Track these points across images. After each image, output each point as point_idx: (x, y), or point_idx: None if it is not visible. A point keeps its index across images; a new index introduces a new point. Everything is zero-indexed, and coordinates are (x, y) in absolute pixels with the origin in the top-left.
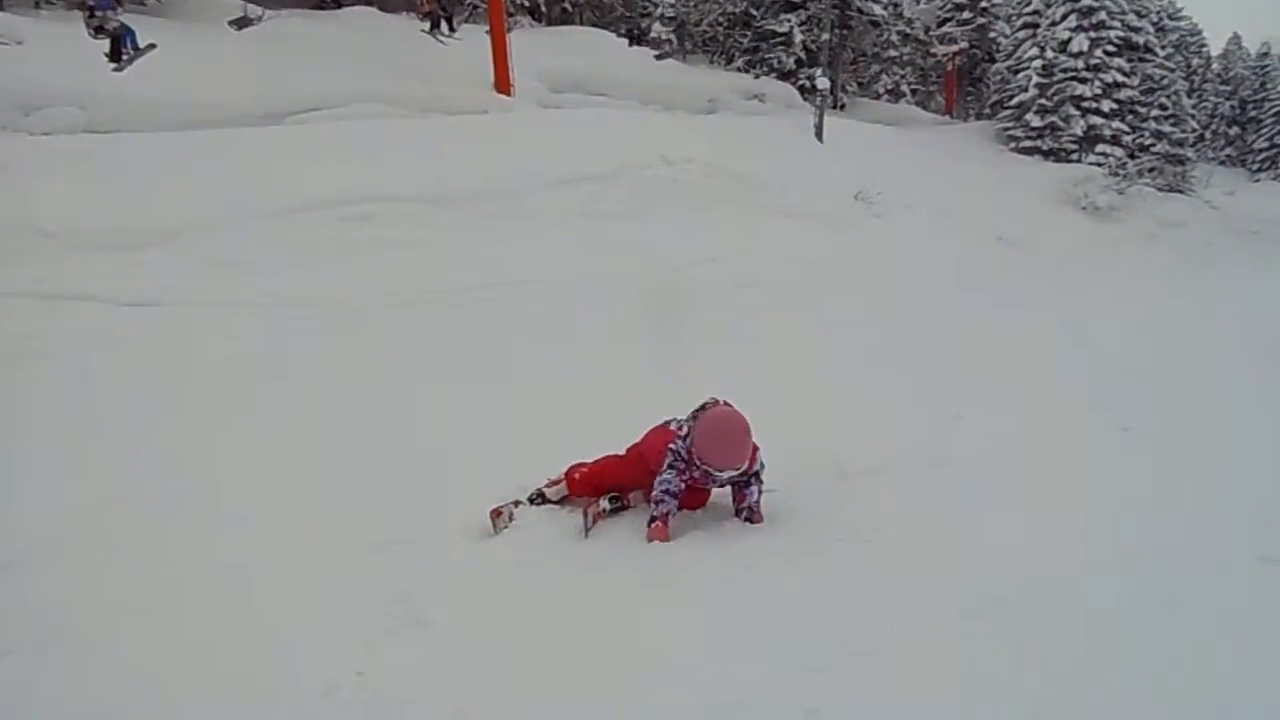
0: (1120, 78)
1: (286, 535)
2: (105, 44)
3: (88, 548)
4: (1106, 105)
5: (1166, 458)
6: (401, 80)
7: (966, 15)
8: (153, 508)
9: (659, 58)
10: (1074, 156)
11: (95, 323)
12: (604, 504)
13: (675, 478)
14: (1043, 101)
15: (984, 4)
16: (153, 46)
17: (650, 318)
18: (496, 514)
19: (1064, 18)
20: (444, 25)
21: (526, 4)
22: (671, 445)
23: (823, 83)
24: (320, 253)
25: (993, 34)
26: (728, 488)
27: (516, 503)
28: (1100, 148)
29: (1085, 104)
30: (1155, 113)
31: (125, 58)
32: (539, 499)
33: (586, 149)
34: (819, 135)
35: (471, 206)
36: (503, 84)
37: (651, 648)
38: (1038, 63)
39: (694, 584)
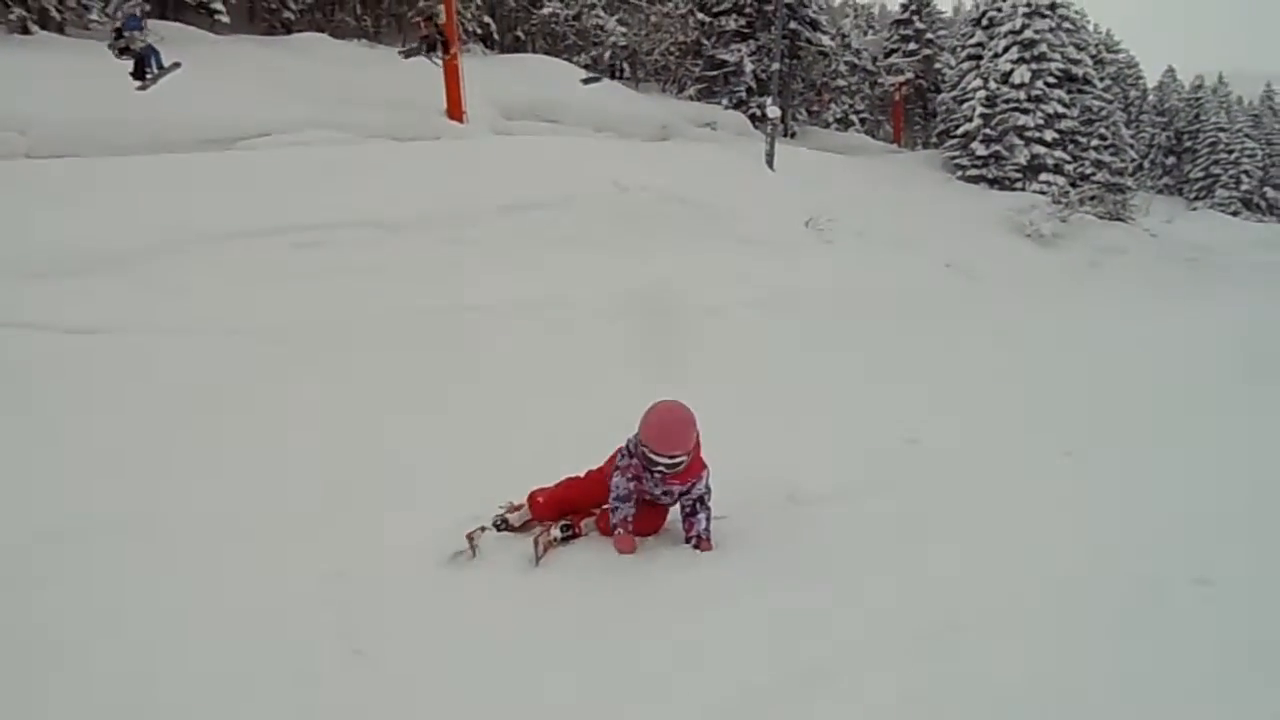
0: (1061, 109)
1: (228, 567)
2: (129, 65)
3: (15, 585)
4: (1049, 135)
5: (1107, 482)
6: (352, 106)
7: (912, 46)
8: (89, 540)
9: (586, 81)
10: (1018, 185)
11: (34, 351)
12: (555, 532)
13: (623, 480)
14: (987, 131)
15: (929, 36)
16: (177, 65)
17: (604, 344)
18: (470, 537)
19: (1006, 50)
20: (439, 49)
21: (479, 31)
22: (620, 448)
23: (773, 111)
24: (270, 279)
25: (938, 65)
26: (679, 511)
27: (482, 528)
28: (1043, 176)
29: (1028, 134)
30: (1095, 142)
31: (150, 76)
32: (503, 524)
33: (539, 175)
34: (770, 163)
35: (424, 233)
36: (455, 111)
37: (592, 683)
38: (981, 93)
39: (639, 620)
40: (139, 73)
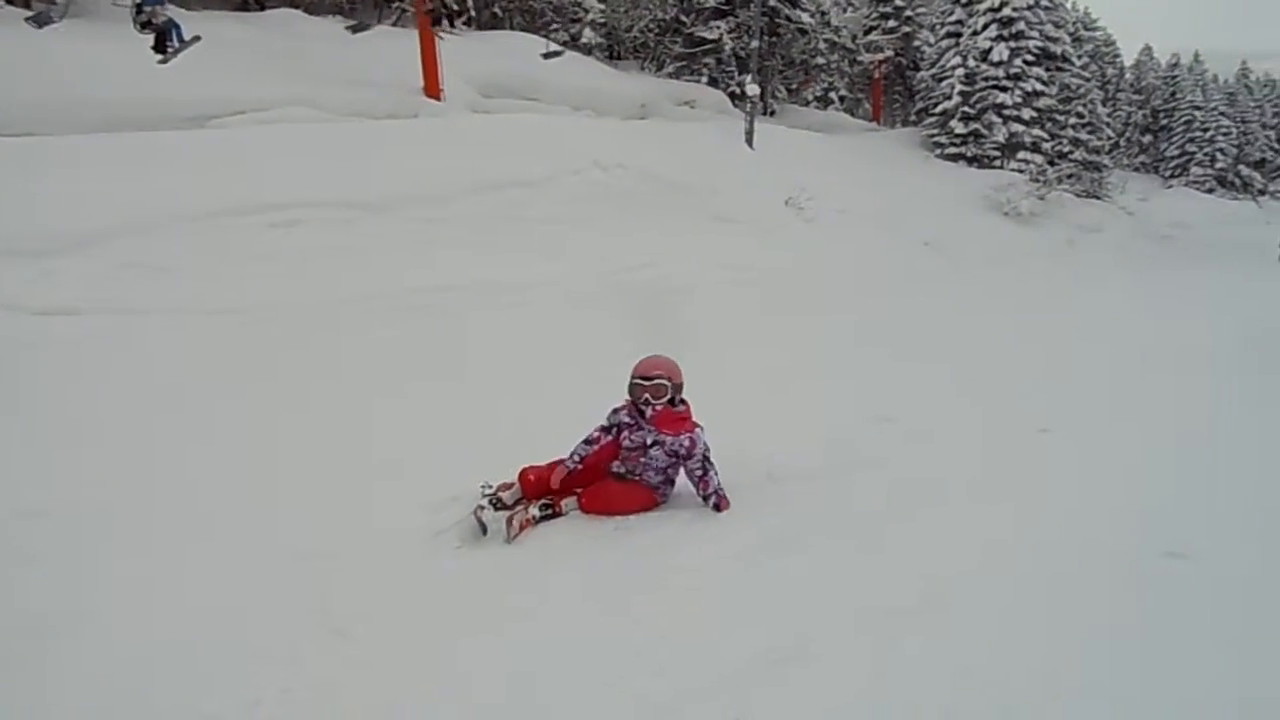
0: (1039, 86)
1: (209, 548)
2: (150, 39)
3: (1, 563)
4: (1027, 113)
5: (1082, 458)
6: (328, 84)
7: (892, 24)
8: (70, 523)
9: (547, 56)
10: (996, 163)
11: (3, 333)
12: (534, 511)
13: (596, 430)
14: (966, 109)
15: (908, 13)
16: (198, 39)
17: (585, 324)
18: (478, 516)
19: (985, 27)
20: (446, 21)
21: (456, 9)
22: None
23: (753, 89)
24: (247, 259)
25: (917, 43)
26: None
27: (481, 506)
28: (1021, 154)
29: (1006, 112)
30: (1073, 121)
31: (171, 50)
32: (498, 503)
33: (518, 154)
34: (749, 141)
35: (402, 211)
36: (432, 88)
37: (572, 660)
38: (960, 71)
39: (616, 595)
40: (160, 46)
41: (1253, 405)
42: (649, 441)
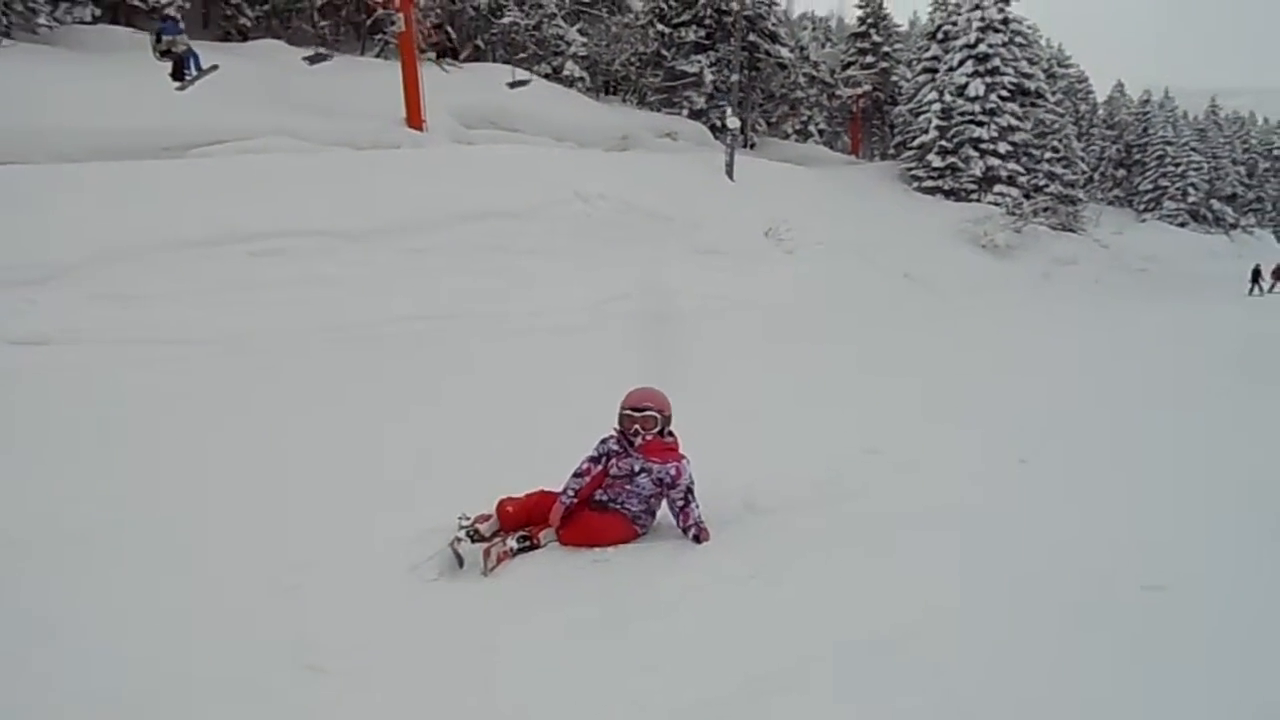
0: (1014, 121)
1: (182, 578)
2: (168, 66)
3: None
4: (1003, 147)
5: (1061, 489)
6: (310, 115)
7: (870, 60)
8: (39, 547)
9: (513, 85)
10: (973, 196)
11: None
12: (512, 543)
13: (585, 460)
14: (943, 143)
15: (886, 49)
16: (215, 68)
17: (568, 354)
18: (454, 548)
19: (961, 63)
20: (449, 55)
21: (437, 42)
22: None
23: (733, 122)
24: (227, 288)
25: (895, 78)
26: (670, 509)
27: (458, 539)
28: (998, 188)
29: (983, 146)
30: (1048, 155)
31: (188, 77)
32: (475, 535)
33: (500, 185)
34: (730, 173)
35: (383, 242)
36: (415, 119)
37: (556, 693)
38: (937, 106)
39: (595, 627)
40: (178, 74)
41: (1230, 430)
42: (636, 469)
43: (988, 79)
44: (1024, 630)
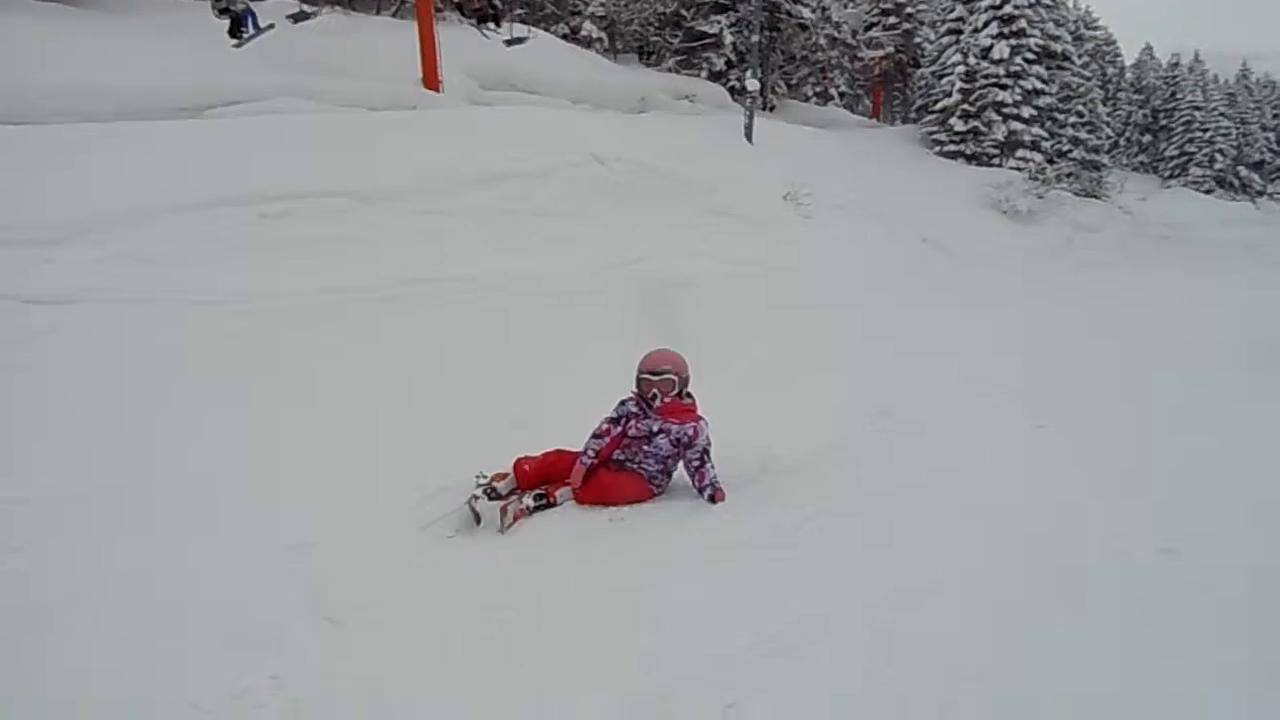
0: (1039, 85)
1: (199, 536)
2: (225, 23)
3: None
4: (1026, 111)
5: (1076, 454)
6: (324, 75)
7: (892, 21)
8: (58, 510)
9: (509, 43)
10: (995, 161)
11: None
12: (528, 501)
13: (604, 421)
14: (966, 106)
15: (909, 9)
16: (271, 26)
17: (583, 318)
18: (471, 506)
19: (986, 25)
20: (491, 22)
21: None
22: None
23: (752, 84)
24: (241, 250)
25: (918, 39)
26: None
27: (475, 496)
28: (1020, 153)
29: (1006, 110)
30: (1073, 119)
31: (246, 35)
32: (492, 493)
33: (516, 146)
34: (749, 136)
35: (398, 204)
36: (430, 80)
37: (566, 648)
38: (961, 68)
39: (610, 585)
40: (235, 31)
41: (1247, 400)
42: (655, 430)
43: (1013, 41)
44: (1034, 593)
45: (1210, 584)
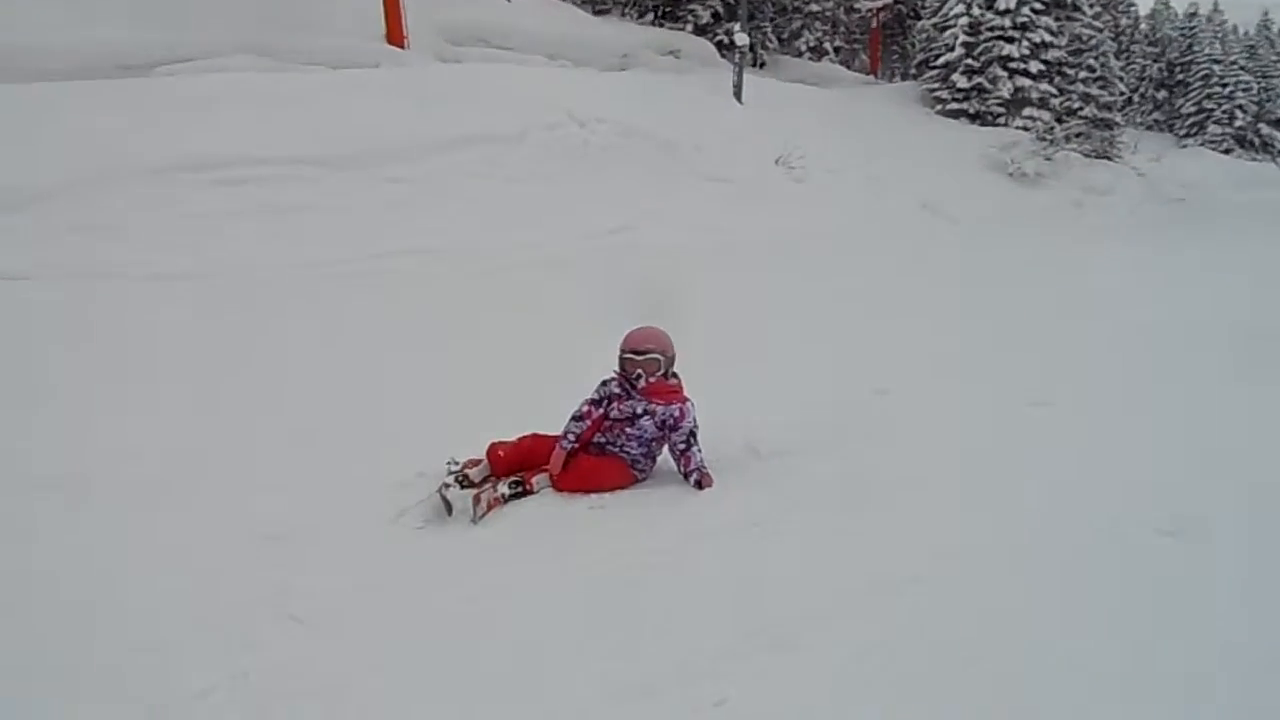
0: (1048, 37)
1: (163, 527)
2: None
3: None
4: (1034, 66)
5: (1073, 433)
6: (282, 30)
7: None
8: (16, 495)
9: None
10: (1001, 120)
11: None
12: (503, 489)
13: (584, 403)
14: (969, 61)
15: None
16: None
17: (563, 290)
18: (442, 495)
19: None
20: None
21: None
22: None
23: (742, 39)
24: (199, 219)
25: None
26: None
27: (446, 484)
28: (1027, 111)
29: (1013, 65)
30: (1083, 74)
31: None
32: (464, 481)
33: (489, 107)
34: (738, 95)
35: (363, 169)
36: (395, 35)
37: (549, 639)
38: (964, 20)
39: (597, 574)
40: None
41: (1248, 384)
42: (639, 411)
43: None
44: (1033, 575)
45: (1211, 566)
